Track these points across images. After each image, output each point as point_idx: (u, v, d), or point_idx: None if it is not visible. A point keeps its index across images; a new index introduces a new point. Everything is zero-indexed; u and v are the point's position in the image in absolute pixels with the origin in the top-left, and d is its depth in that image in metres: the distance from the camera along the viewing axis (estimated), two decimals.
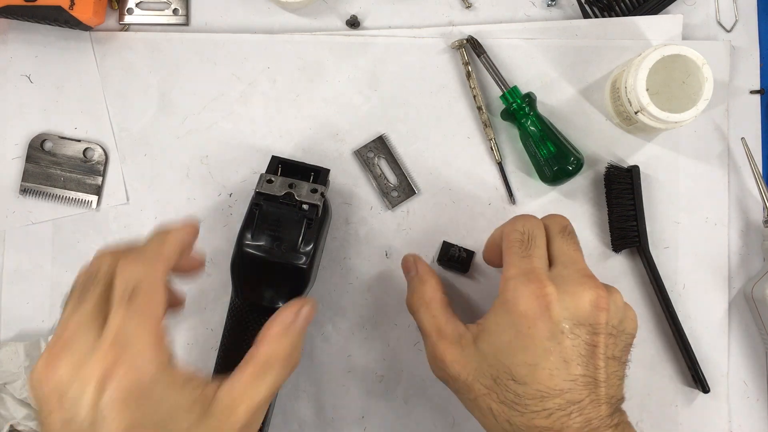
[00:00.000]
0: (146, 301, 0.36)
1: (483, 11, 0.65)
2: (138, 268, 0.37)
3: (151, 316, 0.36)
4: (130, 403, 0.33)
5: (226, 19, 0.66)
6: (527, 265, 0.43)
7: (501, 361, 0.41)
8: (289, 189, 0.49)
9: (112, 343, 0.34)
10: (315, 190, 0.49)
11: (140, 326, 0.35)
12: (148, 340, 0.35)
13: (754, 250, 0.64)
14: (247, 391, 0.39)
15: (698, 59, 0.56)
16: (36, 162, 0.64)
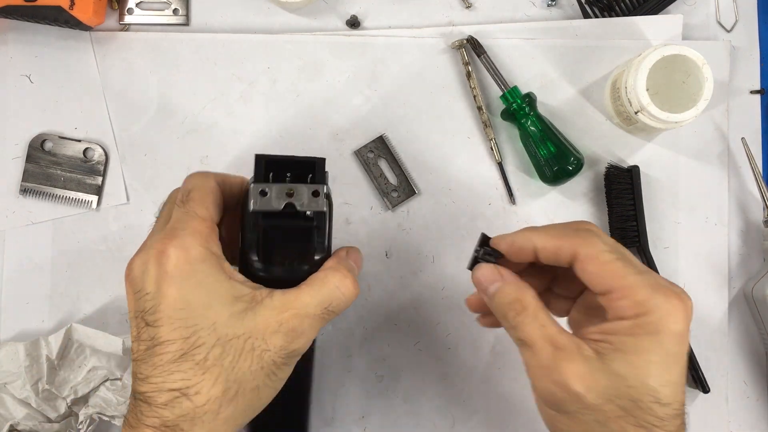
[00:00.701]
0: (197, 201, 0.40)
1: (483, 11, 0.65)
2: (194, 179, 0.42)
3: (200, 213, 0.40)
4: (179, 278, 0.37)
5: (226, 19, 0.66)
6: (652, 279, 0.39)
7: (646, 383, 0.37)
8: (288, 198, 0.42)
9: (168, 231, 0.39)
10: (317, 193, 0.42)
11: (190, 219, 0.39)
12: (195, 229, 0.39)
13: (754, 249, 0.64)
14: (297, 299, 0.39)
15: (698, 59, 0.56)
16: (36, 162, 0.64)
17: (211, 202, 0.41)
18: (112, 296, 0.64)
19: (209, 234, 0.40)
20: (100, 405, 0.59)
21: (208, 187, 0.42)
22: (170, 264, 0.38)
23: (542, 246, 0.41)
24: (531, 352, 0.40)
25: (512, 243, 0.42)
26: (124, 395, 0.60)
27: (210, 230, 0.40)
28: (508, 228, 0.64)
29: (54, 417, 0.59)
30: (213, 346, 0.37)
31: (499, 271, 0.43)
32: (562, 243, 0.40)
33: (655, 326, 0.37)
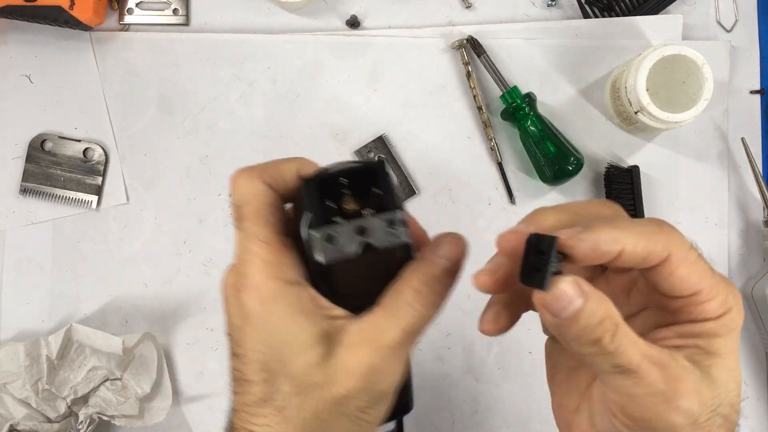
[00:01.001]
0: (252, 219, 0.35)
1: (483, 11, 0.65)
2: (240, 188, 0.36)
3: (261, 235, 0.35)
4: (256, 320, 0.34)
5: (226, 19, 0.66)
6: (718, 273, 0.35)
7: (739, 384, 0.34)
8: (361, 236, 0.34)
9: (237, 260, 0.35)
10: (392, 222, 0.34)
11: (252, 245, 0.35)
12: (261, 259, 0.34)
13: (754, 249, 0.64)
14: (373, 328, 0.34)
15: (698, 59, 0.56)
16: (36, 162, 0.64)
17: (269, 215, 0.35)
18: (112, 296, 0.64)
19: (278, 259, 0.34)
20: (100, 405, 0.59)
21: (259, 196, 0.36)
22: (246, 304, 0.34)
23: (632, 249, 0.32)
24: (635, 379, 0.31)
25: (596, 247, 0.32)
26: (124, 395, 0.60)
27: (278, 253, 0.35)
28: (507, 227, 0.64)
29: (54, 417, 0.59)
30: (291, 393, 0.34)
31: (580, 286, 0.31)
32: (655, 245, 0.32)
33: (734, 323, 0.33)
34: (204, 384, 0.64)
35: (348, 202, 0.35)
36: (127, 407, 0.59)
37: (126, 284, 0.64)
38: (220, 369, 0.64)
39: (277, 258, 0.34)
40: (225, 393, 0.63)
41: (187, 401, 0.64)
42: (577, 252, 0.32)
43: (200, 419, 0.63)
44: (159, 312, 0.64)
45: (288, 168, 0.37)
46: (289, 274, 0.34)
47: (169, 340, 0.64)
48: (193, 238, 0.64)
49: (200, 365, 0.64)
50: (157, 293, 0.64)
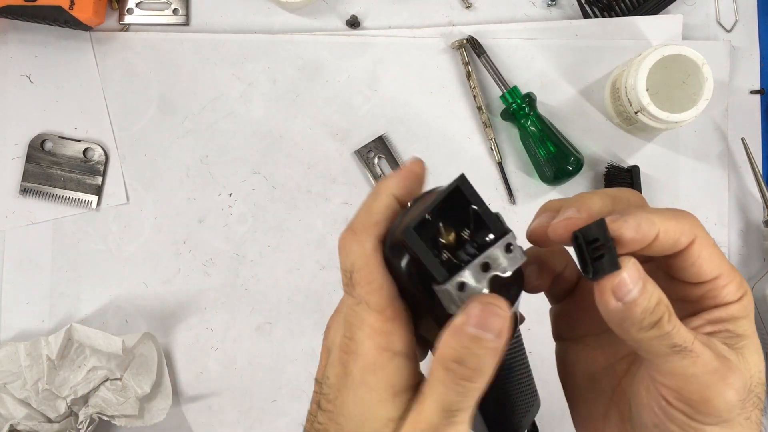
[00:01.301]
0: (365, 286, 0.34)
1: (483, 11, 0.65)
2: (351, 253, 0.34)
3: (373, 304, 0.34)
4: (353, 387, 0.34)
5: (226, 19, 0.66)
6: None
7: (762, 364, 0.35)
8: (487, 272, 0.32)
9: (346, 326, 0.35)
10: (509, 247, 0.32)
11: (364, 313, 0.34)
12: (373, 329, 0.34)
13: (754, 249, 0.64)
14: (420, 414, 0.33)
15: (698, 59, 0.56)
16: (36, 162, 0.64)
17: (382, 278, 0.34)
18: (112, 296, 0.64)
19: (389, 329, 0.34)
20: (100, 405, 0.59)
21: (369, 260, 0.34)
22: (350, 369, 0.34)
23: (665, 232, 0.32)
24: (692, 357, 0.32)
25: (639, 229, 0.31)
26: (124, 395, 0.60)
27: (389, 322, 0.34)
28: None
29: (54, 417, 0.59)
30: None
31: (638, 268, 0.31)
32: (684, 228, 0.32)
33: (751, 305, 0.34)
34: (204, 384, 0.64)
35: (446, 234, 0.33)
36: (127, 407, 0.59)
37: (126, 284, 0.64)
38: (220, 369, 0.64)
39: (388, 328, 0.34)
40: (224, 393, 0.64)
41: (187, 401, 0.64)
42: (624, 234, 0.31)
43: (200, 419, 0.63)
44: (159, 312, 0.64)
45: (384, 202, 0.35)
46: (397, 345, 0.34)
47: (169, 340, 0.64)
48: (193, 238, 0.64)
49: (200, 365, 0.64)
50: (157, 293, 0.64)
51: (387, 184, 0.36)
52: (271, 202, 0.64)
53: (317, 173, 0.64)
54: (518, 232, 0.37)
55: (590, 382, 0.37)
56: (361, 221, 0.35)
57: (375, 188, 0.36)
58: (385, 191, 0.35)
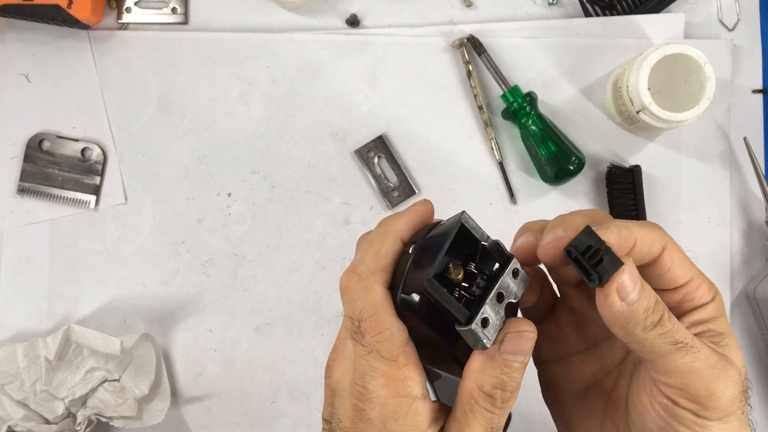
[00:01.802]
0: (375, 335, 0.34)
1: (483, 10, 0.65)
2: (358, 300, 0.34)
3: (385, 353, 0.34)
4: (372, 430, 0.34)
5: (225, 18, 0.65)
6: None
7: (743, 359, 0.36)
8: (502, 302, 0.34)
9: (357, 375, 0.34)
10: (516, 272, 0.34)
11: (377, 363, 0.34)
12: (388, 377, 0.34)
13: (757, 250, 0.64)
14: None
15: (700, 58, 0.56)
16: (34, 162, 0.64)
17: (394, 327, 0.34)
18: (110, 297, 0.64)
19: (403, 376, 0.34)
20: (98, 406, 0.59)
21: (378, 307, 0.34)
22: (366, 414, 0.34)
23: (641, 238, 0.33)
24: (694, 353, 0.32)
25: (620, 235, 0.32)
26: (122, 396, 0.59)
27: (403, 369, 0.34)
28: (510, 228, 0.64)
29: (52, 418, 0.59)
30: None
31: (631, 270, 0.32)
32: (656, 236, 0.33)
33: (723, 303, 0.35)
34: (203, 385, 0.63)
35: (454, 272, 0.34)
36: (126, 408, 0.59)
37: (124, 284, 0.64)
38: (219, 370, 0.64)
39: (402, 374, 0.34)
40: (223, 394, 0.63)
41: (186, 402, 0.63)
42: (609, 240, 0.32)
43: (199, 420, 0.63)
44: (157, 312, 0.64)
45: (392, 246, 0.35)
46: (413, 389, 0.34)
47: (168, 341, 0.63)
48: (192, 238, 0.64)
49: (199, 366, 0.63)
50: (155, 294, 0.64)
51: (395, 225, 0.35)
52: (270, 202, 0.64)
53: (317, 173, 0.64)
54: None
55: (580, 400, 0.37)
56: (368, 265, 0.34)
57: (382, 228, 0.36)
58: (393, 233, 0.35)
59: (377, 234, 0.36)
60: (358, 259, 0.35)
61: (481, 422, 0.33)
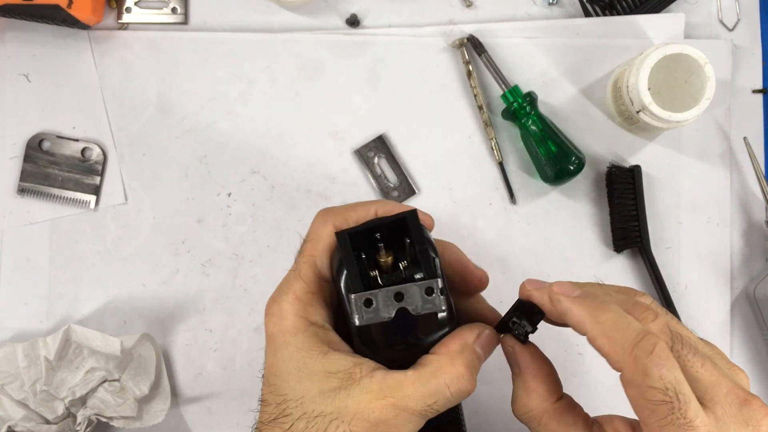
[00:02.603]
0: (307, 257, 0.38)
1: (484, 10, 0.65)
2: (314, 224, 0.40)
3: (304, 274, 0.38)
4: (274, 346, 0.37)
5: (225, 18, 0.65)
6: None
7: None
8: (398, 303, 0.34)
9: (277, 290, 0.39)
10: (430, 291, 0.34)
11: (294, 281, 0.38)
12: (295, 295, 0.37)
13: (757, 250, 0.64)
14: (398, 388, 0.34)
15: (700, 58, 0.56)
16: (34, 162, 0.64)
17: (323, 257, 0.37)
18: (110, 297, 0.64)
19: (310, 300, 0.37)
20: (98, 406, 0.59)
21: (322, 238, 0.38)
22: (269, 330, 0.37)
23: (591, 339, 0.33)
24: None
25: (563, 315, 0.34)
26: (122, 396, 0.59)
27: (312, 295, 0.37)
28: (509, 228, 0.64)
29: (52, 418, 0.59)
30: (298, 418, 0.35)
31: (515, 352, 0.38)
32: (611, 354, 0.33)
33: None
34: (203, 385, 0.63)
35: (383, 255, 0.35)
36: (126, 408, 0.59)
37: (124, 285, 0.64)
38: (219, 370, 0.64)
39: (308, 299, 0.37)
40: (223, 394, 0.63)
41: (186, 402, 0.63)
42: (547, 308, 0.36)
43: (199, 420, 0.63)
44: (157, 313, 0.64)
45: (364, 210, 0.39)
46: (313, 317, 0.37)
47: (168, 341, 0.63)
48: (192, 238, 0.64)
49: (199, 366, 0.63)
50: (155, 294, 0.64)
51: (381, 202, 0.39)
52: (270, 202, 0.64)
53: (317, 173, 0.64)
54: (519, 231, 0.38)
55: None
56: (341, 209, 0.39)
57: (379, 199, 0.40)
58: (374, 205, 0.39)
59: (365, 201, 0.40)
60: (338, 206, 0.40)
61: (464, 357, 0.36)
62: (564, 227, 0.64)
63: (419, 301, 0.34)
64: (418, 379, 0.35)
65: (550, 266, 0.63)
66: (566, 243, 0.63)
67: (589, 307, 0.33)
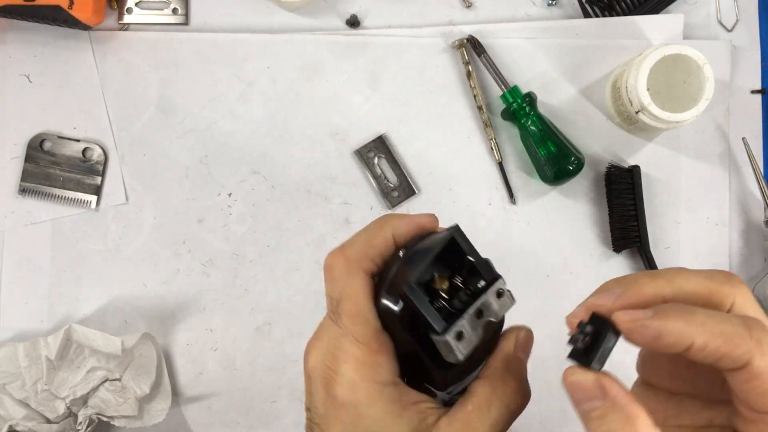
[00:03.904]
0: (351, 317, 0.34)
1: (483, 10, 0.65)
2: (339, 280, 0.34)
3: (358, 335, 0.34)
4: (345, 419, 0.34)
5: (225, 19, 0.66)
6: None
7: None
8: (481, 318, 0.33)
9: (330, 355, 0.34)
10: (501, 293, 0.33)
11: (349, 344, 0.34)
12: (358, 361, 0.34)
13: (756, 250, 0.64)
14: (466, 428, 0.33)
15: (699, 59, 0.56)
16: (35, 162, 0.64)
17: (369, 311, 0.34)
18: (111, 296, 0.64)
19: (375, 361, 0.34)
20: (99, 406, 0.59)
21: (359, 291, 0.34)
22: (339, 399, 0.34)
23: (702, 346, 0.28)
24: None
25: (659, 337, 0.28)
26: (123, 396, 0.59)
27: (375, 354, 0.34)
28: (509, 228, 0.64)
29: (53, 418, 0.59)
30: None
31: (602, 385, 0.29)
32: (734, 347, 0.28)
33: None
34: (203, 384, 0.63)
35: (440, 282, 0.34)
36: (127, 408, 0.59)
37: (125, 284, 0.64)
38: (220, 370, 0.64)
39: (373, 359, 0.34)
40: (224, 393, 0.63)
41: (187, 402, 0.63)
42: (635, 338, 0.29)
43: (200, 419, 0.63)
44: (158, 312, 0.64)
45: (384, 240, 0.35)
46: (384, 376, 0.34)
47: (169, 341, 0.64)
48: (193, 238, 0.64)
49: (200, 366, 0.64)
50: (156, 293, 0.64)
51: (393, 222, 0.36)
52: (270, 202, 0.64)
53: (317, 173, 0.64)
54: (518, 231, 0.38)
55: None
56: (357, 250, 0.35)
57: (380, 221, 0.36)
58: (389, 228, 0.35)
59: (374, 224, 0.36)
60: (348, 242, 0.35)
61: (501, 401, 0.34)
62: (563, 227, 0.64)
63: (496, 306, 0.33)
64: (479, 410, 0.34)
65: (549, 266, 0.63)
66: (565, 243, 0.64)
67: (682, 316, 0.28)
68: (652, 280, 0.30)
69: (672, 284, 0.30)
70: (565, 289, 0.63)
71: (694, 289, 0.30)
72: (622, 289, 0.30)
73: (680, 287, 0.30)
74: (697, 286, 0.30)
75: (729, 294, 0.30)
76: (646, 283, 0.30)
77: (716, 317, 0.29)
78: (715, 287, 0.30)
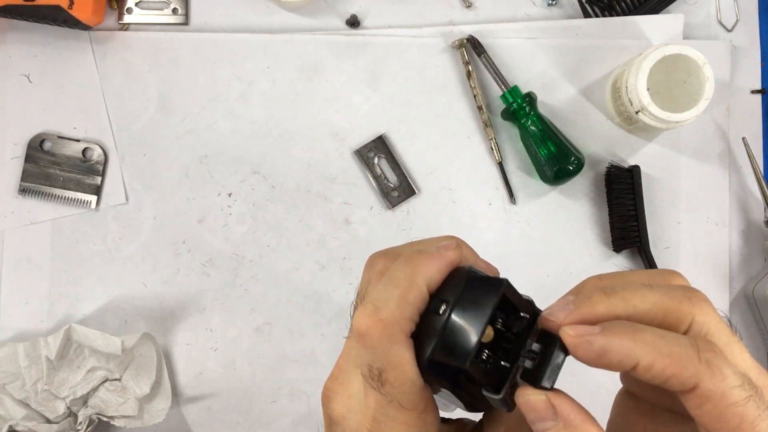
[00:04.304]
0: (397, 387, 0.32)
1: (483, 10, 0.65)
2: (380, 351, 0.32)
3: (406, 404, 0.32)
4: None
5: (225, 19, 0.66)
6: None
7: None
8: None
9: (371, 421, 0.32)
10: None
11: (396, 412, 0.32)
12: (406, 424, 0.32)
13: (755, 250, 0.64)
14: None
15: (699, 59, 0.56)
16: (35, 162, 0.64)
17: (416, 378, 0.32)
18: (111, 296, 0.64)
19: (424, 421, 0.32)
20: (99, 406, 0.59)
21: (404, 359, 0.32)
22: None
23: (648, 366, 0.27)
24: None
25: (602, 355, 0.28)
26: (123, 396, 0.59)
27: (423, 415, 0.32)
28: (509, 228, 0.64)
29: (53, 418, 0.59)
30: None
31: (553, 405, 0.29)
32: (681, 369, 0.27)
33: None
34: (203, 384, 0.63)
35: (486, 334, 0.32)
36: (127, 408, 0.59)
37: (125, 284, 0.64)
38: (220, 369, 0.64)
39: (423, 420, 0.32)
40: (224, 393, 0.63)
41: (187, 402, 0.63)
42: (580, 354, 0.28)
43: (199, 420, 0.63)
44: (158, 312, 0.64)
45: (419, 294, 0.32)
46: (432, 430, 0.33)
47: (169, 341, 0.64)
48: (193, 238, 0.64)
49: (200, 366, 0.64)
50: (156, 293, 0.64)
51: (425, 271, 0.33)
52: (270, 202, 0.64)
53: (317, 173, 0.64)
54: (518, 231, 0.37)
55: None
56: (393, 312, 0.31)
57: (408, 268, 0.33)
58: (422, 279, 0.32)
59: (402, 273, 0.32)
60: (380, 301, 0.32)
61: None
62: (563, 227, 0.64)
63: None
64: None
65: (549, 266, 0.63)
66: (565, 243, 0.64)
67: (628, 334, 0.28)
68: (606, 297, 0.29)
69: (626, 303, 0.29)
70: (565, 289, 0.63)
71: (650, 309, 0.29)
72: (574, 306, 0.29)
73: (634, 306, 0.29)
74: (652, 305, 0.29)
75: (687, 313, 0.29)
76: (599, 301, 0.29)
77: (665, 337, 0.28)
78: (673, 306, 0.29)
